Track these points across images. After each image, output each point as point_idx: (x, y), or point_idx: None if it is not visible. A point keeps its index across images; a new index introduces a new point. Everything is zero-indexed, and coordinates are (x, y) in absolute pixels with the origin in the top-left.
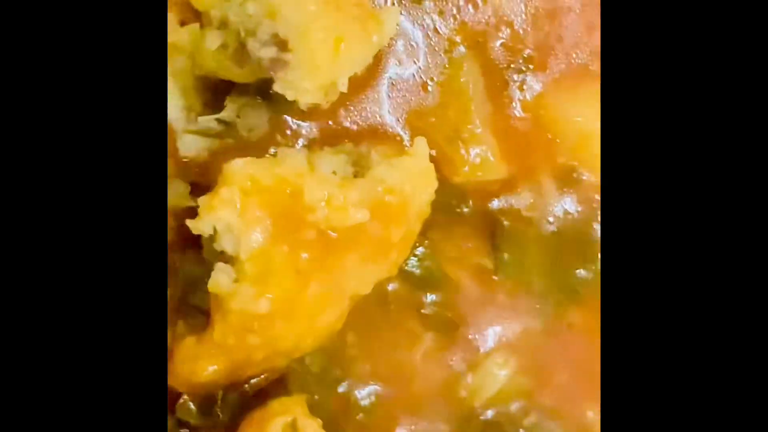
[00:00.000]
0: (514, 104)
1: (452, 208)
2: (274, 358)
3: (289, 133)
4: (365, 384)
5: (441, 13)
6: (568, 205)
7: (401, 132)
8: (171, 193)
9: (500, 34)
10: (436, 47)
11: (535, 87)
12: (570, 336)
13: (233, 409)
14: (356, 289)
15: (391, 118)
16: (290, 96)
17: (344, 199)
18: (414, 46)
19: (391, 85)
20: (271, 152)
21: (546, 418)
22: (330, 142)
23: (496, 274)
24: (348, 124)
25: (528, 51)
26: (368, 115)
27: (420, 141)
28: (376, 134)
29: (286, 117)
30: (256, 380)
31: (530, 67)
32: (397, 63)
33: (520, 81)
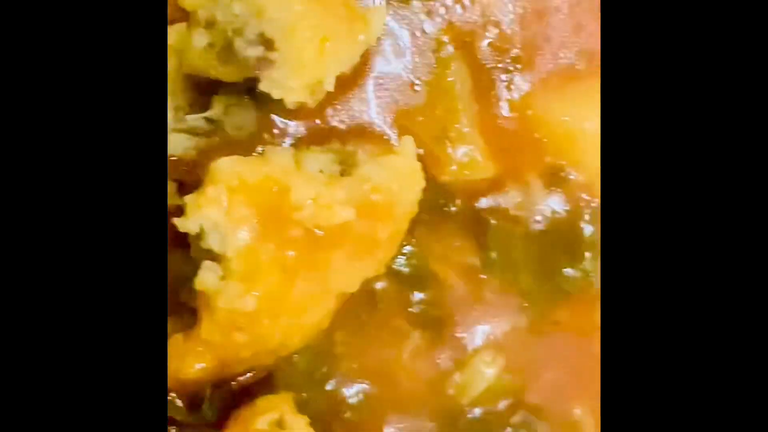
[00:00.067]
0: (501, 104)
1: (440, 207)
2: (261, 355)
3: (276, 131)
4: (353, 382)
5: (429, 14)
6: (556, 204)
7: (389, 131)
8: None
9: (488, 34)
10: (424, 47)
11: (523, 87)
12: (557, 334)
13: (221, 406)
14: (343, 287)
15: (378, 118)
16: (276, 95)
17: (330, 198)
18: (401, 46)
19: (379, 84)
20: (259, 151)
21: (533, 416)
22: (317, 141)
23: (483, 273)
24: (335, 123)
25: (515, 51)
26: (356, 114)
27: (407, 140)
28: (363, 133)
29: (274, 116)
30: (244, 378)
31: (518, 66)
32: (384, 62)
33: (508, 81)
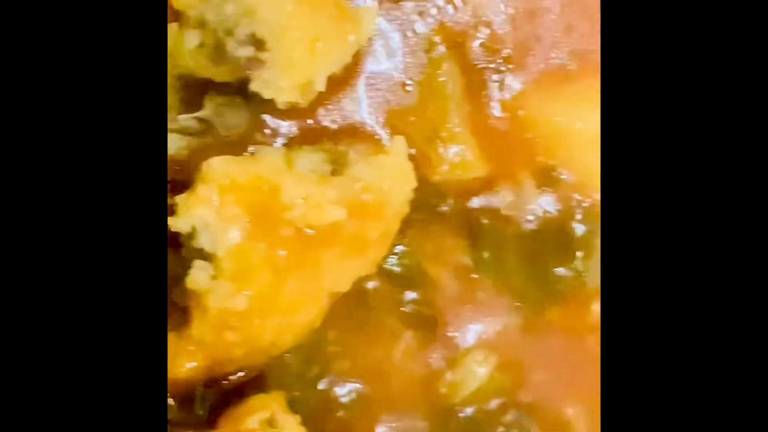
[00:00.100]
0: (493, 104)
1: (432, 206)
2: (252, 354)
3: (268, 131)
4: (345, 381)
5: (420, 14)
6: (547, 204)
7: (380, 131)
8: None
9: (479, 35)
10: (416, 47)
11: (514, 87)
12: (549, 334)
13: (212, 405)
14: (334, 286)
15: (370, 118)
16: (267, 94)
17: (321, 197)
18: (393, 46)
19: (370, 84)
20: (251, 150)
21: (525, 415)
22: (309, 141)
23: (475, 273)
24: (327, 123)
25: (507, 51)
26: (347, 114)
27: (398, 140)
28: (355, 133)
29: (265, 116)
30: (236, 377)
31: (509, 67)
32: (376, 62)
33: (499, 81)
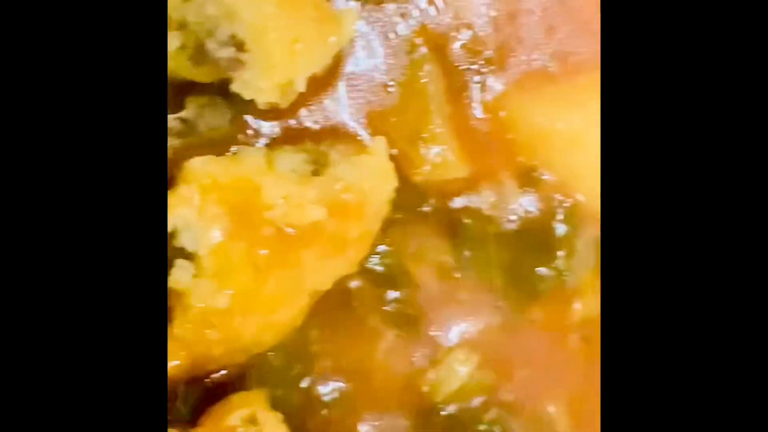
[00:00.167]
0: (474, 105)
1: (414, 206)
2: (233, 353)
3: (250, 132)
4: (328, 380)
5: (402, 15)
6: (529, 204)
7: (362, 131)
8: None
9: (461, 36)
10: (397, 48)
11: (496, 88)
12: (531, 332)
13: (194, 403)
14: (315, 285)
15: (351, 118)
16: (247, 95)
17: (302, 197)
18: (374, 48)
19: (352, 85)
20: (233, 151)
21: (507, 413)
22: (291, 142)
23: (457, 272)
24: (309, 124)
25: (488, 53)
26: (329, 115)
27: (379, 140)
28: (337, 134)
29: (248, 116)
30: (218, 375)
31: (491, 68)
32: (357, 63)
33: (481, 82)
